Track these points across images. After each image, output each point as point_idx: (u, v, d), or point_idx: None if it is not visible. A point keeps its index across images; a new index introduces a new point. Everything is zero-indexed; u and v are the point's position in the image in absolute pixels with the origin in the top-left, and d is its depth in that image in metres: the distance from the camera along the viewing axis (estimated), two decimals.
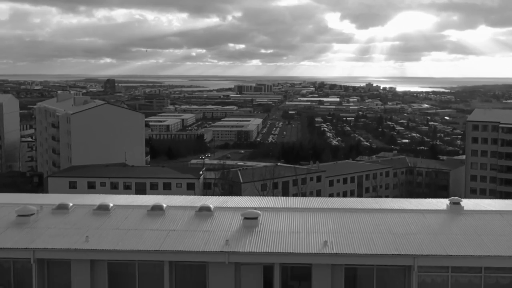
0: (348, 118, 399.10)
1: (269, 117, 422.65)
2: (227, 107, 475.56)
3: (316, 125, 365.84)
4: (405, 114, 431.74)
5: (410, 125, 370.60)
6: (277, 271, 25.13)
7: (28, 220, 28.25)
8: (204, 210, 29.53)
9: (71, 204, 30.64)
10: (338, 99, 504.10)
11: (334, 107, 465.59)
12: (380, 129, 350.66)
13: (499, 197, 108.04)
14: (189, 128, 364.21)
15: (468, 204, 31.47)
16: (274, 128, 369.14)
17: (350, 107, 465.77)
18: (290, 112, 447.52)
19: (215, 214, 29.35)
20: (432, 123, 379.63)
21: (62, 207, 30.11)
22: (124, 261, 25.77)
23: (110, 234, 26.81)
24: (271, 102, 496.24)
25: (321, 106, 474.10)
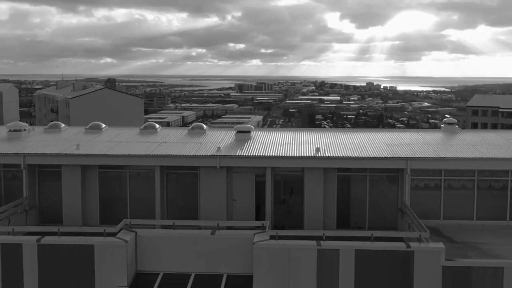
0: (348, 116, 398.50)
1: (269, 114, 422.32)
2: (228, 105, 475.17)
3: (317, 122, 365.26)
4: (405, 112, 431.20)
5: (411, 122, 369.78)
6: (268, 175, 24.89)
7: (20, 135, 28.12)
8: (197, 128, 29.40)
9: (63, 125, 30.58)
10: (338, 98, 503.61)
11: (334, 105, 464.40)
12: (381, 127, 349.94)
13: None
14: (190, 124, 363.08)
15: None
16: (275, 125, 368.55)
17: (351, 105, 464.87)
18: (290, 110, 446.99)
19: (207, 132, 29.22)
20: (432, 121, 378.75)
21: (54, 126, 30.04)
22: (115, 168, 25.61)
23: (102, 145, 26.64)
24: (271, 101, 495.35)
25: (321, 104, 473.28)
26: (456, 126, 30.12)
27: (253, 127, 29.01)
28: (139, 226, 21.47)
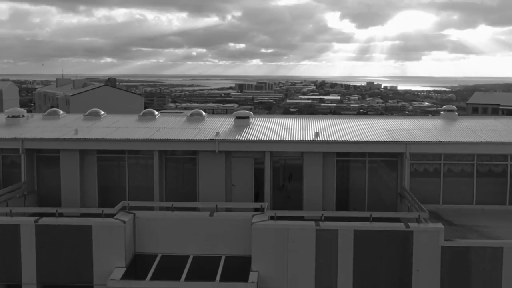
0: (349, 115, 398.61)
1: (270, 114, 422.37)
2: (228, 104, 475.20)
3: None
4: (406, 112, 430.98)
5: None
6: (267, 160, 24.80)
7: (18, 121, 28.07)
8: (196, 115, 29.33)
9: (62, 112, 30.55)
10: (339, 97, 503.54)
11: (335, 105, 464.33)
12: None
13: None
14: None
15: None
16: None
17: (351, 105, 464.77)
18: (291, 109, 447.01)
19: (206, 119, 29.17)
20: None
21: (53, 113, 30.01)
22: (114, 152, 25.53)
23: (100, 130, 26.61)
24: (272, 100, 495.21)
25: (322, 104, 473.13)
26: (456, 113, 30.06)
27: (252, 113, 28.93)
28: (137, 208, 21.39)
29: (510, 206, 24.47)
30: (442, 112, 30.28)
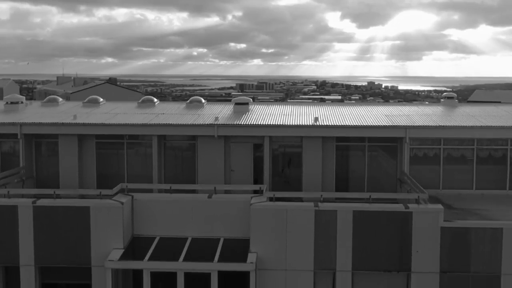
0: None
1: None
2: None
3: None
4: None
5: None
6: (266, 145, 24.69)
7: (17, 107, 28.00)
8: (195, 102, 29.27)
9: (61, 99, 30.52)
10: (340, 97, 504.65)
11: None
12: None
13: None
14: None
15: None
16: None
17: None
18: None
19: (206, 106, 29.10)
20: None
21: (52, 100, 29.97)
22: (113, 137, 25.44)
23: (99, 116, 26.53)
24: (273, 100, 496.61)
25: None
26: (456, 100, 29.97)
27: (251, 99, 28.85)
28: (135, 190, 21.31)
29: (510, 191, 24.36)
30: (442, 100, 30.17)
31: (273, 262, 19.54)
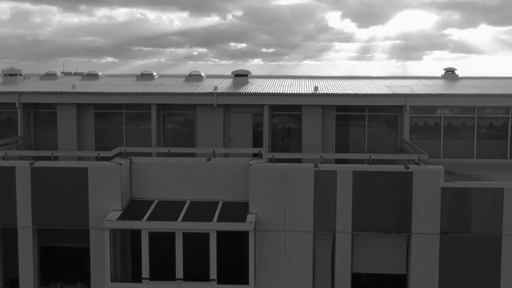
0: None
1: None
2: None
3: None
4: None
5: None
6: (266, 114, 24.58)
7: (15, 79, 27.90)
8: (195, 75, 29.15)
9: (60, 73, 30.41)
10: None
11: None
12: None
13: None
14: None
15: None
16: None
17: None
18: None
19: (205, 79, 28.98)
20: None
21: (50, 73, 29.86)
22: (112, 107, 25.33)
23: (98, 86, 26.42)
24: None
25: None
26: (457, 74, 29.82)
27: (251, 71, 28.73)
28: (133, 154, 21.15)
29: (511, 160, 24.22)
30: (442, 73, 30.03)
31: (273, 223, 19.34)
